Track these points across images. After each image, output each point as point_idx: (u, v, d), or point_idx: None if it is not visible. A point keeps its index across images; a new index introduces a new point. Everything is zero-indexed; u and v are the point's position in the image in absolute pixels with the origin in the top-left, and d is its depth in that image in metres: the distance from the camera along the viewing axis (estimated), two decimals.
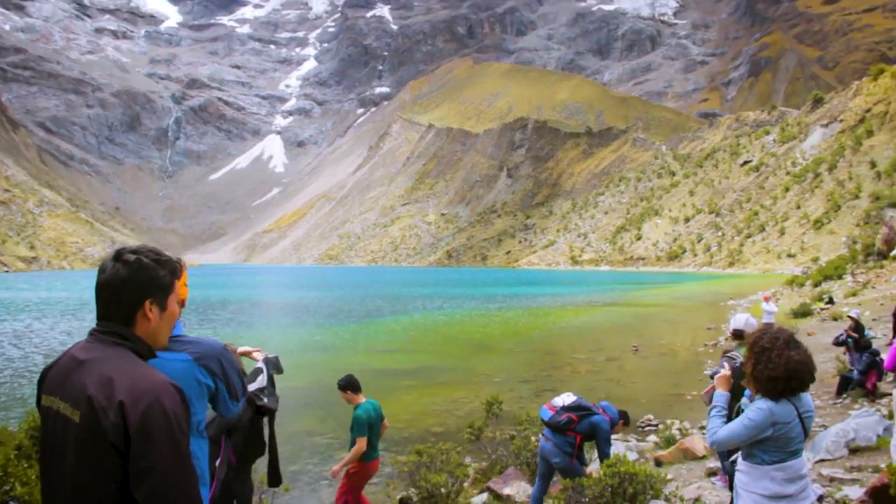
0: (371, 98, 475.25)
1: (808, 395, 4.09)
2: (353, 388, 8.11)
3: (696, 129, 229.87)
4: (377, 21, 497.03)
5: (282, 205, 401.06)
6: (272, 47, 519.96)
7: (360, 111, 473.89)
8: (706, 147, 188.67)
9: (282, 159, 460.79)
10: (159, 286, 2.49)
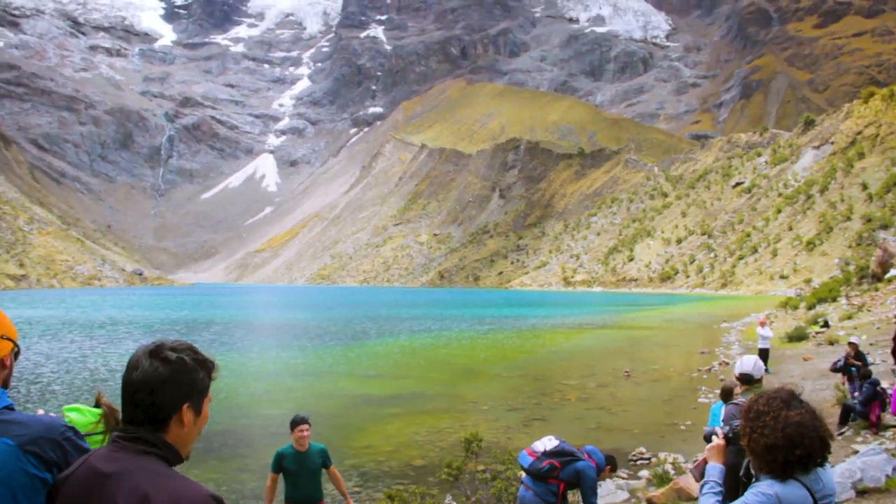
0: (364, 118, 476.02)
1: (828, 473, 3.17)
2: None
3: (688, 150, 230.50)
4: (371, 41, 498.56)
5: (274, 224, 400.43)
6: (266, 66, 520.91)
7: (353, 131, 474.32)
8: (698, 168, 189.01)
9: (274, 178, 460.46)
10: (198, 390, 2.27)
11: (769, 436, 3.07)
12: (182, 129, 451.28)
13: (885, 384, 13.63)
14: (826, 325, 31.13)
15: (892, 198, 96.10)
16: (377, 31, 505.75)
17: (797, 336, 29.50)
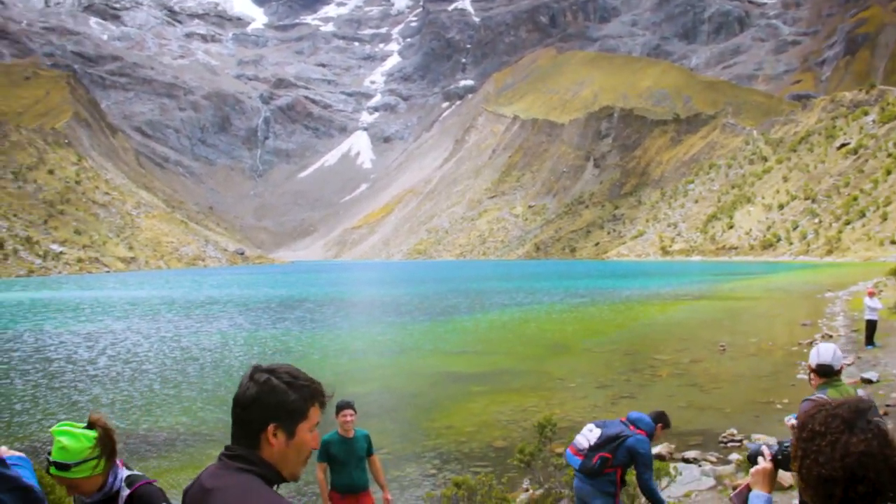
0: (455, 91, 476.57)
1: None
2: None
3: (789, 112, 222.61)
4: (459, 14, 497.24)
5: (370, 200, 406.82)
6: (356, 44, 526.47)
7: (445, 105, 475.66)
8: (800, 130, 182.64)
9: (369, 155, 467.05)
10: (287, 411, 2.29)
11: (825, 465, 2.16)
12: (277, 111, 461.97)
13: None
14: None
15: None
16: (465, 3, 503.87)
17: None
